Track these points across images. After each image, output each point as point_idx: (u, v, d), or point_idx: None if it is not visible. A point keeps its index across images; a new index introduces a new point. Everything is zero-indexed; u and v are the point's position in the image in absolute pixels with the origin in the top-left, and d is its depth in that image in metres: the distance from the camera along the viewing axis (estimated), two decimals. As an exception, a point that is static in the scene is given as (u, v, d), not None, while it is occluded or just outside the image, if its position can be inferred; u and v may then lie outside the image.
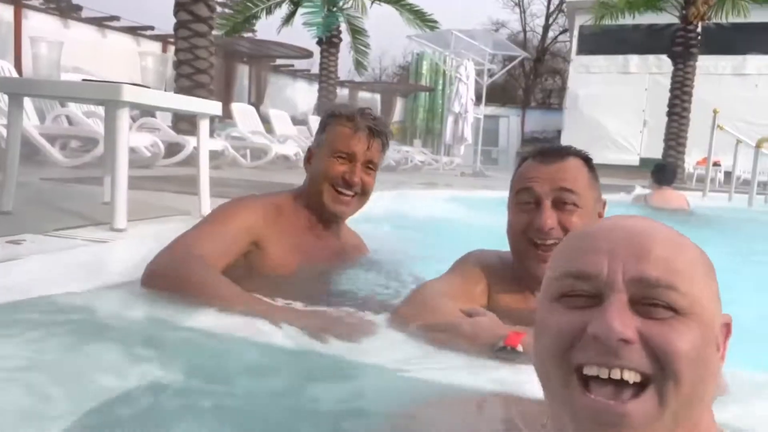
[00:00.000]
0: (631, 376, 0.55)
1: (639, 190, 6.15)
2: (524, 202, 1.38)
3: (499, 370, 1.06)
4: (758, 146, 6.15)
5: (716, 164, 9.78)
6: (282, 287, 1.62)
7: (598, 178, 1.44)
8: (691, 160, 11.88)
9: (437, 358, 1.16)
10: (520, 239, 1.39)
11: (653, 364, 0.55)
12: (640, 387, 0.55)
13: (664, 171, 5.25)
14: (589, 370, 0.56)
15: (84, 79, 2.05)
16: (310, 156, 1.83)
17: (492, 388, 0.96)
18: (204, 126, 2.39)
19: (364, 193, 1.79)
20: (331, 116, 1.79)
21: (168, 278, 1.46)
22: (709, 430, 0.61)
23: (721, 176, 11.07)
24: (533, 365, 0.64)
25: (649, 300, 0.56)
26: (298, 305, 1.44)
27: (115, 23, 11.36)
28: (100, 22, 11.18)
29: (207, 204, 2.55)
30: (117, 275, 1.66)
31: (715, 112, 6.97)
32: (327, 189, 1.74)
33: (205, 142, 2.42)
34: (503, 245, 1.49)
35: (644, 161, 13.67)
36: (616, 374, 0.55)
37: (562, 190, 1.34)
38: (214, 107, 2.38)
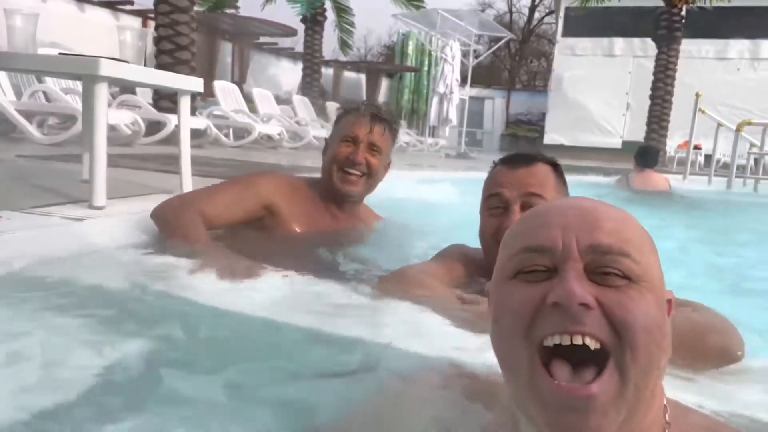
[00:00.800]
0: (591, 343, 0.55)
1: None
2: (494, 206, 1.43)
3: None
4: (738, 129, 6.22)
5: (697, 148, 9.89)
6: (291, 252, 1.84)
7: (566, 183, 1.48)
8: (672, 144, 12.01)
9: (417, 330, 1.17)
10: (490, 243, 1.42)
11: (611, 332, 0.56)
12: (599, 366, 0.56)
13: (647, 153, 5.31)
14: (551, 340, 0.56)
15: (61, 53, 1.99)
16: (326, 147, 2.04)
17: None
18: (185, 103, 2.35)
19: (370, 174, 1.95)
20: (342, 111, 2.05)
21: (160, 220, 1.79)
22: (660, 402, 0.63)
23: (701, 159, 11.21)
24: (494, 350, 0.63)
25: (604, 268, 0.58)
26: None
27: (93, -3, 11.04)
28: (78, -4, 10.85)
29: (189, 182, 2.52)
30: (95, 252, 1.64)
31: (697, 95, 7.03)
32: (335, 171, 1.94)
33: (186, 119, 2.38)
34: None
35: (627, 144, 13.79)
36: (577, 339, 0.55)
37: (530, 195, 1.38)
38: (196, 84, 2.33)
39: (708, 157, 9.03)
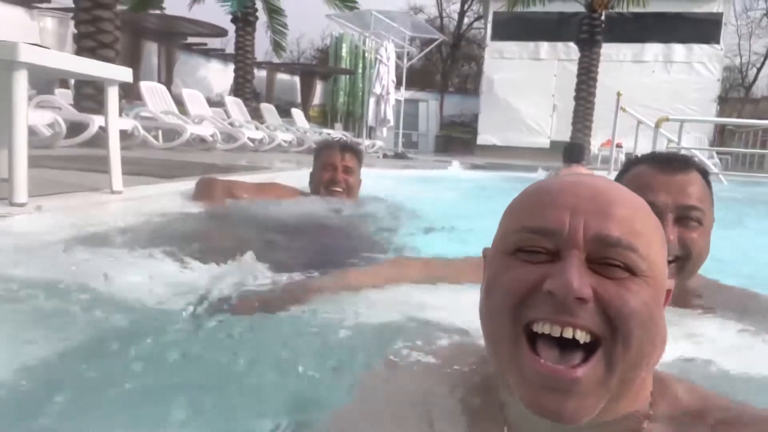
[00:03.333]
0: (582, 336, 0.54)
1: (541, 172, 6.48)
2: None
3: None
4: (657, 126, 6.61)
5: (619, 146, 10.44)
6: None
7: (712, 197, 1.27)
8: (596, 143, 12.61)
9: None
10: None
11: (604, 324, 0.54)
12: (587, 351, 0.54)
13: (572, 149, 5.64)
14: (541, 328, 0.55)
15: (-29, 39, 1.83)
16: (311, 177, 2.65)
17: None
18: (113, 94, 2.22)
19: (348, 189, 2.54)
20: (318, 148, 2.74)
21: (198, 184, 2.55)
22: (646, 393, 0.61)
23: (622, 157, 11.83)
24: (481, 321, 0.61)
25: (607, 259, 0.55)
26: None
27: (3, -7, 10.33)
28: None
29: (119, 179, 2.39)
30: (18, 247, 1.53)
31: (618, 94, 7.40)
32: (323, 191, 2.53)
33: (114, 112, 2.26)
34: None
35: (554, 144, 14.35)
36: (568, 333, 0.54)
37: (690, 209, 1.18)
38: (124, 73, 2.22)
39: (629, 155, 9.53)
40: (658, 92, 14.46)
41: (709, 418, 0.59)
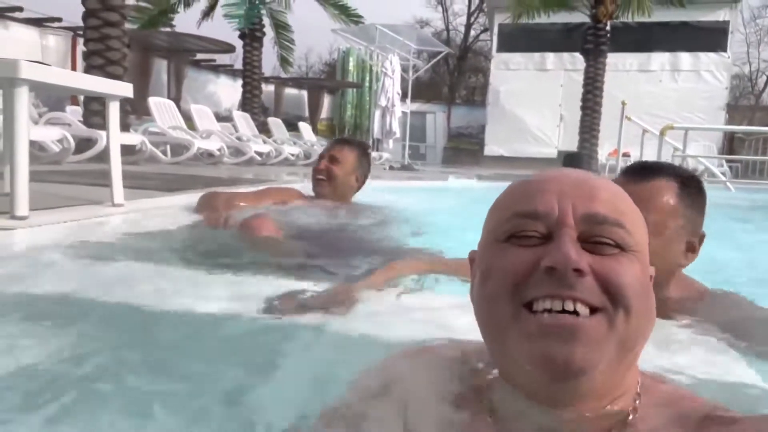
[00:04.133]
0: (582, 309, 0.55)
1: None
2: None
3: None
4: (662, 134, 6.59)
5: (626, 155, 10.40)
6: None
7: (699, 198, 1.25)
8: (603, 152, 12.57)
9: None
10: None
11: (604, 296, 0.56)
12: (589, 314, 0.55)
13: (572, 159, 5.64)
14: (541, 304, 0.55)
15: (-25, 57, 1.89)
16: None
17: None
18: (114, 109, 2.27)
19: (330, 178, 2.60)
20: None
21: (199, 199, 2.59)
22: (635, 374, 0.63)
23: (630, 166, 11.77)
24: (476, 313, 0.62)
25: (598, 237, 0.57)
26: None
27: (17, 14, 10.57)
28: (2, 14, 10.37)
29: (120, 192, 2.43)
30: (18, 259, 1.56)
31: (623, 103, 7.40)
32: (312, 179, 2.66)
33: (115, 127, 2.30)
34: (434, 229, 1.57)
35: (561, 154, 14.31)
36: (569, 306, 0.54)
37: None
38: (124, 88, 2.26)
39: (636, 163, 9.47)
40: (666, 101, 14.43)
41: (694, 414, 0.60)
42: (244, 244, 2.20)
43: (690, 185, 1.24)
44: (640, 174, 1.24)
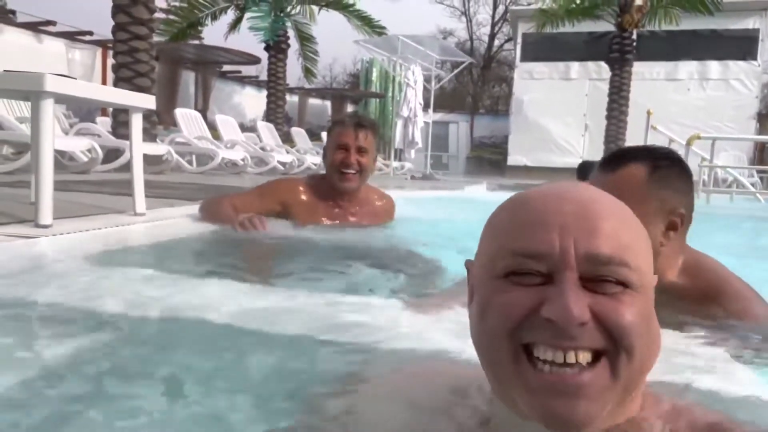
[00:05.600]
0: (583, 357, 0.54)
1: None
2: None
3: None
4: (689, 144, 6.47)
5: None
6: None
7: (673, 184, 1.28)
8: (630, 162, 12.36)
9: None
10: None
11: (606, 339, 0.54)
12: (591, 360, 0.55)
13: (584, 168, 5.67)
14: (543, 354, 0.54)
15: (5, 70, 1.96)
16: (324, 154, 2.60)
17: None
18: (137, 121, 2.33)
19: (362, 171, 2.47)
20: (331, 123, 2.67)
21: (202, 209, 2.49)
22: (639, 395, 0.62)
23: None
24: (475, 344, 0.61)
25: (601, 277, 0.55)
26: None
27: (51, 28, 10.93)
28: (36, 27, 10.73)
29: (142, 201, 2.48)
30: (41, 267, 1.61)
31: (648, 113, 7.31)
32: (335, 173, 2.46)
33: (138, 138, 2.36)
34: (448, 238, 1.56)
35: (587, 164, 14.14)
36: (570, 357, 0.54)
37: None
38: (147, 100, 2.32)
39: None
40: (694, 110, 14.17)
41: (696, 427, 0.59)
42: (264, 251, 2.23)
43: (662, 166, 1.27)
44: (611, 164, 1.29)
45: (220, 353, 1.16)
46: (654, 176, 1.25)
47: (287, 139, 11.12)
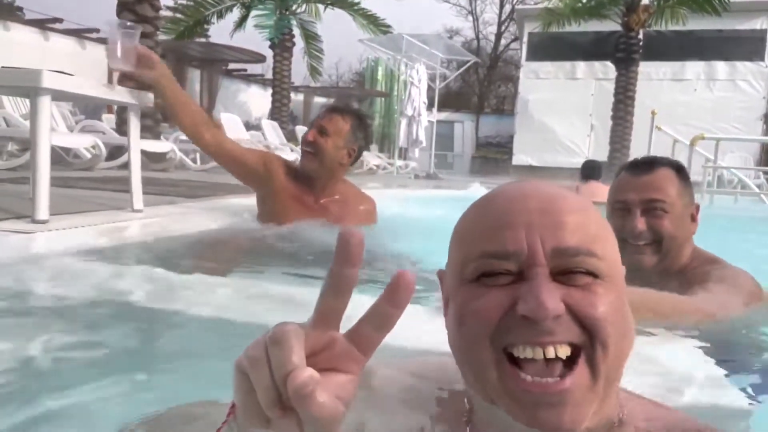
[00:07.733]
0: (563, 351, 0.54)
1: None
2: (617, 209, 1.55)
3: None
4: (692, 144, 6.44)
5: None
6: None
7: (691, 184, 1.58)
8: (635, 162, 12.31)
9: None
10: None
11: (581, 332, 0.55)
12: (570, 358, 0.55)
13: (588, 167, 5.66)
14: (522, 352, 0.55)
15: (3, 67, 1.98)
16: None
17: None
18: (134, 117, 2.34)
19: (317, 152, 2.36)
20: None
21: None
22: (615, 402, 0.62)
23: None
24: (455, 353, 0.61)
25: (570, 269, 0.56)
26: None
27: (58, 25, 11.01)
28: (43, 24, 10.81)
29: (139, 198, 2.50)
30: (36, 261, 1.63)
31: (653, 113, 7.26)
32: (301, 151, 2.46)
33: (136, 135, 2.37)
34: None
35: (592, 164, 14.09)
36: (550, 353, 0.54)
37: (652, 201, 1.48)
38: (144, 98, 2.34)
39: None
40: (700, 111, 14.08)
41: (675, 430, 0.60)
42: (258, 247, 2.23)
43: (682, 170, 1.55)
44: (646, 166, 1.52)
45: (214, 348, 1.16)
46: (680, 177, 1.52)
47: (292, 137, 11.14)
